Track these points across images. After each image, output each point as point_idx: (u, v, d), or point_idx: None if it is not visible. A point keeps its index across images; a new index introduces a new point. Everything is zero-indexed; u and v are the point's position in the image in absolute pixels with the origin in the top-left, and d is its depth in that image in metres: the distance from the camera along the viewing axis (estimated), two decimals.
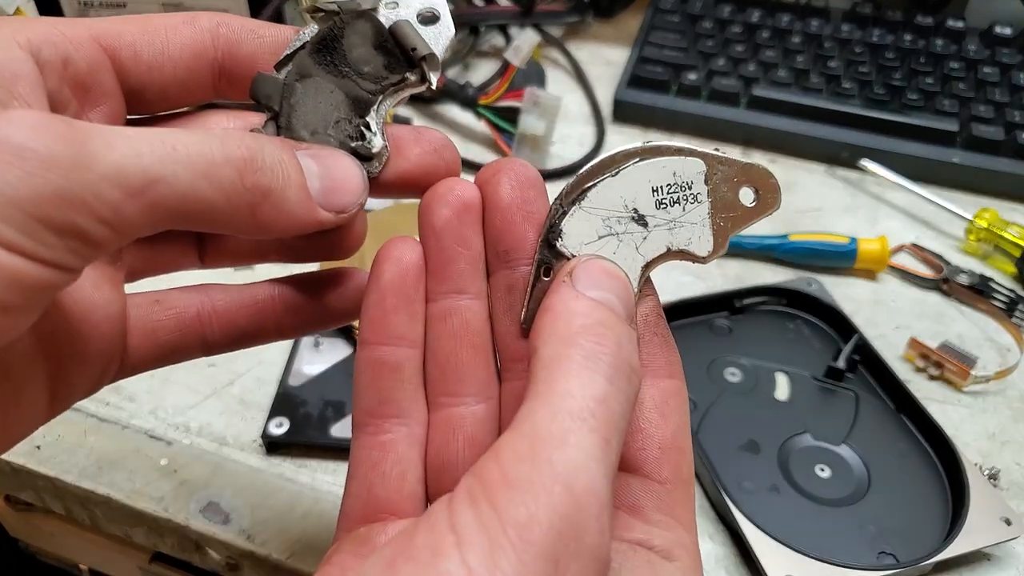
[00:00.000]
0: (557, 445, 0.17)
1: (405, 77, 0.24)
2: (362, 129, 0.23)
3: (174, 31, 0.23)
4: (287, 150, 0.21)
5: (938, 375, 0.45)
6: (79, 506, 0.40)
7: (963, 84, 0.61)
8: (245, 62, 0.24)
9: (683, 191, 0.22)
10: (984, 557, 0.37)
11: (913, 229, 0.55)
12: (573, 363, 0.18)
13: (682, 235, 0.22)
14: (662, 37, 0.66)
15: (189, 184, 0.18)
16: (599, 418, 0.18)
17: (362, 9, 0.24)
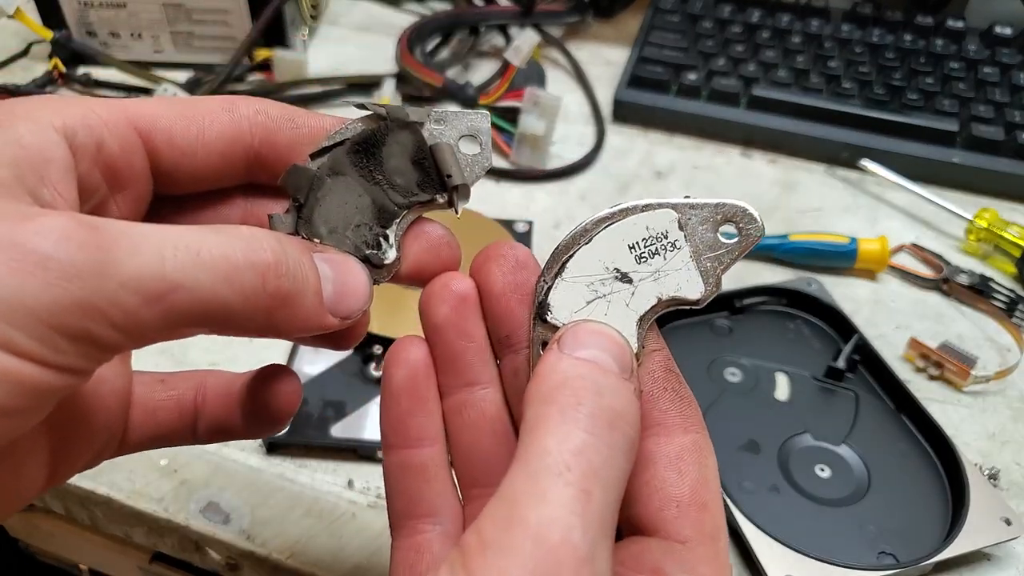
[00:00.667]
0: (533, 504, 0.17)
1: (434, 199, 0.24)
2: (380, 239, 0.24)
3: (212, 117, 0.23)
4: (306, 254, 0.21)
5: (938, 375, 0.45)
6: (79, 506, 0.40)
7: (963, 84, 0.61)
8: (281, 151, 0.23)
9: (659, 241, 0.22)
10: (984, 557, 0.37)
11: (913, 229, 0.55)
12: (551, 420, 0.18)
13: (670, 283, 0.22)
14: (662, 37, 0.66)
15: (210, 289, 0.18)
16: (576, 471, 0.17)
17: (409, 120, 0.24)
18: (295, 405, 0.26)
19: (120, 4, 0.63)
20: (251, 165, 0.23)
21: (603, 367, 0.20)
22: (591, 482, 0.17)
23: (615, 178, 0.59)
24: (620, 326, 0.22)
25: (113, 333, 0.17)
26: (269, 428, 0.26)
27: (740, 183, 0.59)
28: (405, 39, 0.63)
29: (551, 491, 0.17)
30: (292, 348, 0.43)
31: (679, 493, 0.21)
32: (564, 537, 0.16)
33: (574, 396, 0.19)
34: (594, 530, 0.17)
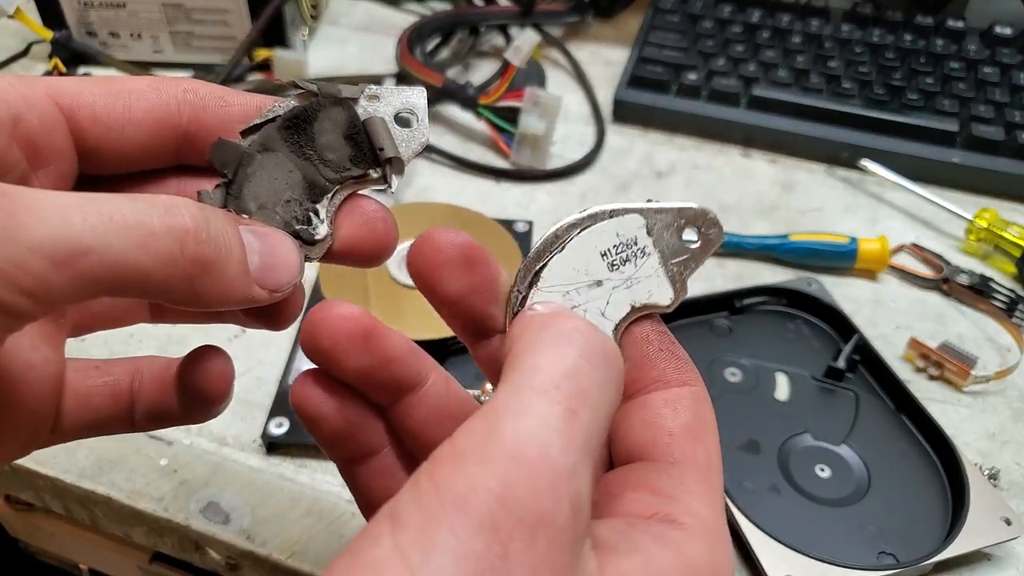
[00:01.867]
0: (513, 417, 0.16)
1: (367, 173, 0.24)
2: (310, 214, 0.23)
3: (138, 95, 0.22)
4: (231, 224, 0.21)
5: (938, 375, 0.45)
6: (79, 506, 0.40)
7: (963, 84, 0.61)
8: (210, 129, 0.23)
9: (630, 248, 0.22)
10: (984, 557, 0.37)
11: (913, 229, 0.55)
12: (545, 342, 0.18)
13: (641, 290, 0.22)
14: (662, 37, 0.66)
15: (123, 253, 0.17)
16: (564, 390, 0.17)
17: (342, 97, 0.23)
18: (226, 386, 0.25)
19: (120, 4, 0.63)
20: (181, 145, 0.23)
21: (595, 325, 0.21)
22: (579, 403, 0.17)
23: (615, 178, 0.59)
24: None
25: (21, 299, 0.16)
26: (203, 411, 0.26)
27: (740, 183, 0.59)
28: (405, 39, 0.63)
29: (535, 407, 0.17)
30: (291, 348, 0.43)
31: (672, 426, 0.21)
32: (542, 452, 0.16)
33: (571, 324, 0.19)
34: (576, 450, 0.16)
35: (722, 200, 0.57)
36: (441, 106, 0.64)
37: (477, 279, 0.23)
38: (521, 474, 0.15)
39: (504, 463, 0.16)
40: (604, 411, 0.18)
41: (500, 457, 0.16)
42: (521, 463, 0.16)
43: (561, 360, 0.18)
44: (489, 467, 0.15)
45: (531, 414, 0.16)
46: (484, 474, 0.15)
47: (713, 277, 0.51)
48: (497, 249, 0.48)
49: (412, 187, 0.57)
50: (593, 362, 0.18)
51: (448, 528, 0.15)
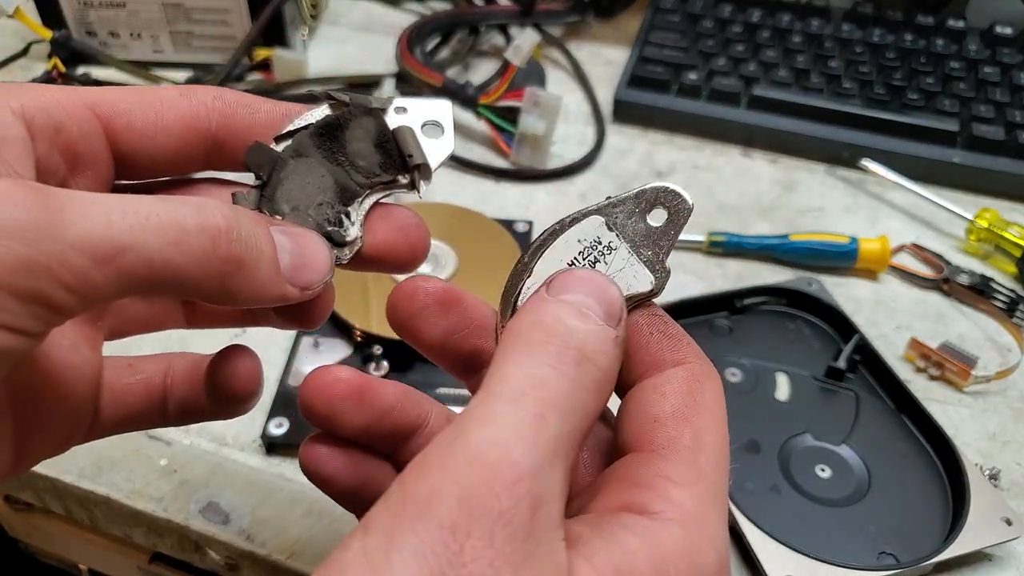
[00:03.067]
0: (477, 426, 0.17)
1: (396, 179, 0.25)
2: (342, 217, 0.24)
3: (170, 103, 0.23)
4: (262, 224, 0.21)
5: (939, 375, 0.45)
6: (79, 506, 0.40)
7: (963, 84, 0.61)
8: (239, 135, 0.24)
9: (596, 249, 0.22)
10: (985, 557, 0.37)
11: (914, 229, 0.55)
12: (516, 352, 0.19)
13: (620, 284, 0.22)
14: (662, 37, 0.66)
15: (159, 252, 0.18)
16: (531, 396, 0.17)
17: (372, 107, 0.24)
18: (255, 383, 0.26)
19: (119, 4, 0.63)
20: (211, 151, 0.24)
21: (582, 311, 0.20)
22: (547, 409, 0.17)
23: (615, 178, 0.59)
24: None
25: (64, 294, 0.17)
26: (232, 407, 0.26)
27: (740, 183, 0.59)
28: (405, 39, 0.63)
29: (500, 414, 0.17)
30: (292, 348, 0.43)
31: (657, 411, 0.21)
32: (503, 454, 0.16)
33: (543, 334, 0.19)
34: (541, 453, 0.17)
35: (722, 200, 0.57)
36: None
37: (455, 320, 0.24)
38: (479, 476, 0.16)
39: (465, 467, 0.16)
40: (578, 416, 0.18)
41: (462, 462, 0.16)
42: (480, 466, 0.16)
43: (530, 368, 0.18)
44: (451, 471, 0.16)
45: (497, 421, 0.17)
46: (446, 478, 0.16)
47: (713, 277, 0.51)
48: (497, 249, 0.48)
49: None
50: (563, 369, 0.18)
51: (410, 530, 0.15)
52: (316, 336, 0.44)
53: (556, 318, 0.19)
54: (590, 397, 0.19)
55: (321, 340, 0.44)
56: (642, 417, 0.21)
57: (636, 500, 0.19)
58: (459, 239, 0.48)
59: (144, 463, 0.39)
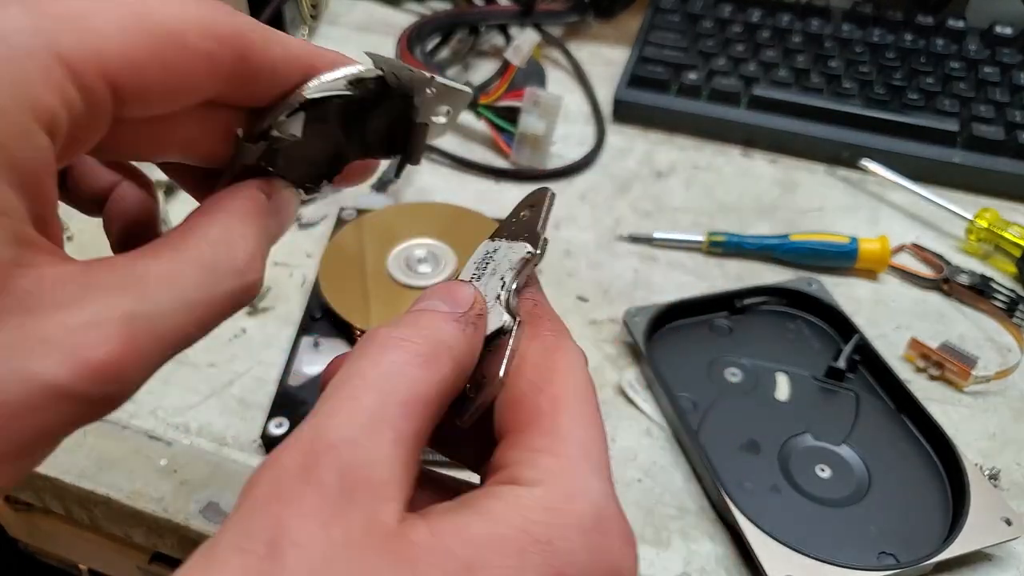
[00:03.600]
0: (323, 415, 0.18)
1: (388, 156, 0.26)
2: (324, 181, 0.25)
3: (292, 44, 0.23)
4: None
5: (938, 375, 0.45)
6: (79, 506, 0.40)
7: (963, 84, 0.61)
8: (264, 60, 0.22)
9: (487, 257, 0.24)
10: (985, 557, 0.37)
11: (914, 229, 0.55)
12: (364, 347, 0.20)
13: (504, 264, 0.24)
14: (662, 37, 0.66)
15: (197, 43, 0.19)
16: (370, 383, 0.18)
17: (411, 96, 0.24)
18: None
19: None
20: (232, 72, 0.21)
21: (429, 310, 0.21)
22: (362, 392, 0.18)
23: (615, 178, 0.59)
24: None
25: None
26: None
27: (740, 183, 0.59)
28: (405, 39, 0.63)
29: (340, 403, 0.18)
30: (291, 350, 0.43)
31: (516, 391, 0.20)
32: (318, 434, 0.17)
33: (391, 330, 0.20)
34: (355, 427, 0.17)
35: (722, 200, 0.57)
36: None
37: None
38: (294, 452, 0.17)
39: (289, 446, 0.17)
40: (413, 398, 0.18)
41: (305, 439, 0.17)
42: (312, 441, 0.17)
43: (375, 362, 0.19)
44: (277, 451, 0.17)
45: (339, 409, 0.18)
46: (283, 452, 0.17)
47: (713, 277, 0.51)
48: None
49: (412, 187, 0.57)
50: (370, 350, 0.19)
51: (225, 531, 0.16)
52: (316, 336, 0.44)
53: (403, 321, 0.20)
54: (414, 370, 0.19)
55: (321, 340, 0.44)
56: (504, 403, 0.21)
57: (505, 476, 0.19)
58: (459, 239, 0.48)
59: (144, 463, 0.39)
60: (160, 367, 0.19)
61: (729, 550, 0.37)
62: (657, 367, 0.43)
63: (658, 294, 0.49)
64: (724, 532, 0.37)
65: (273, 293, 0.48)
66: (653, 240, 0.53)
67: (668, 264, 0.52)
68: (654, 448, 0.41)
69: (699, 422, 0.41)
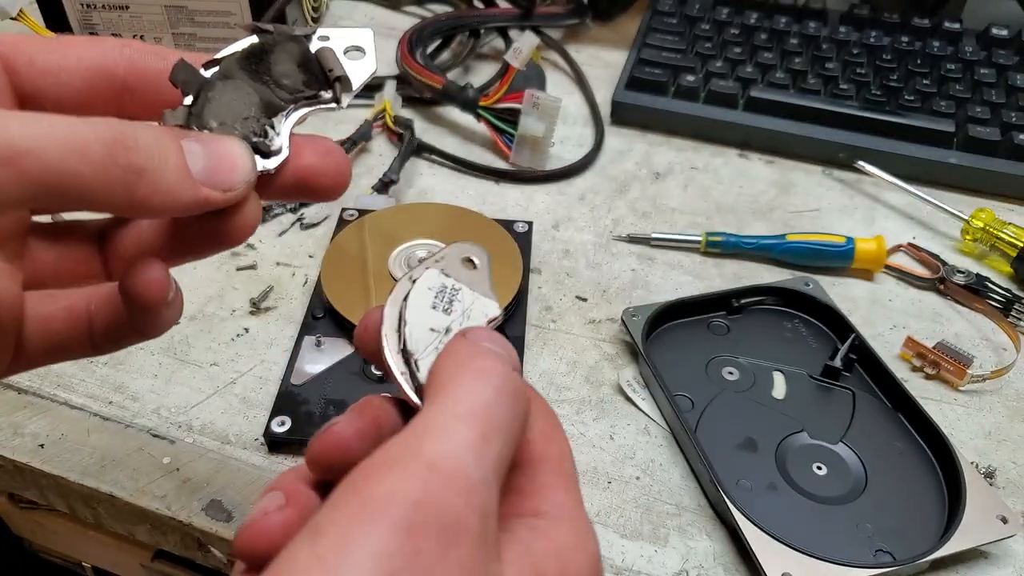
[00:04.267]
0: (433, 437, 0.18)
1: (319, 94, 0.26)
2: (267, 128, 0.25)
3: (75, 45, 0.24)
4: (167, 134, 0.22)
5: (934, 374, 0.45)
6: (82, 504, 0.41)
7: (960, 85, 0.62)
8: (148, 81, 0.25)
9: (445, 292, 0.25)
10: (980, 555, 0.37)
11: (910, 229, 0.56)
12: (464, 378, 0.20)
13: (477, 313, 0.25)
14: (660, 39, 0.67)
15: (60, 159, 0.19)
16: (479, 418, 0.19)
17: (295, 34, 0.26)
18: (162, 288, 0.25)
19: (123, 6, 0.64)
20: (120, 96, 0.25)
21: (505, 359, 0.22)
22: (490, 430, 0.19)
23: (614, 179, 0.59)
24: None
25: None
26: (147, 320, 0.26)
27: (738, 184, 0.59)
28: (405, 41, 0.64)
29: (454, 430, 0.18)
30: (294, 349, 0.44)
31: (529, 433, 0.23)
32: (456, 465, 0.18)
33: (486, 364, 0.21)
34: (487, 469, 0.18)
35: (719, 201, 0.57)
36: (441, 108, 0.64)
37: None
38: (437, 482, 0.17)
39: (422, 473, 0.17)
40: (512, 441, 0.20)
41: (419, 468, 0.17)
42: (438, 473, 0.17)
43: (480, 394, 0.20)
44: (408, 476, 0.17)
45: (450, 436, 0.18)
46: (403, 482, 0.17)
47: (711, 277, 0.51)
48: (497, 249, 0.49)
49: (413, 188, 0.57)
50: (504, 398, 0.20)
51: (365, 531, 0.16)
52: (318, 335, 0.44)
53: (491, 360, 0.21)
54: (520, 426, 0.21)
55: (323, 339, 0.44)
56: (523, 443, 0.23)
57: (528, 505, 0.21)
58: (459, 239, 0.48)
59: (147, 461, 0.40)
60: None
61: (726, 547, 0.37)
62: (655, 366, 0.43)
63: (656, 294, 0.50)
64: (721, 530, 0.38)
65: (275, 293, 0.48)
66: (651, 240, 0.53)
67: (666, 264, 0.52)
68: (652, 446, 0.41)
69: (697, 420, 0.42)
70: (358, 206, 0.53)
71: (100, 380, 0.43)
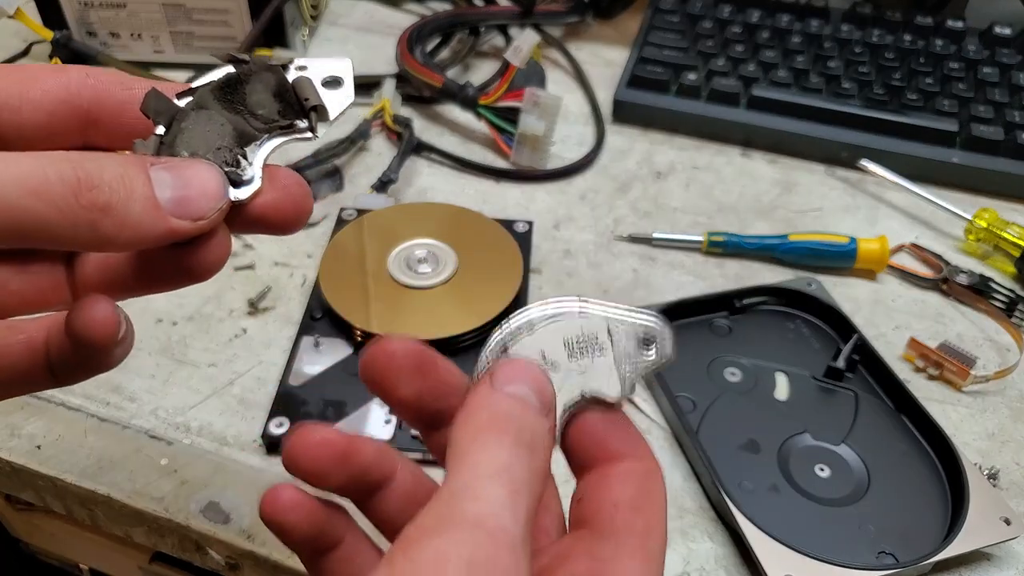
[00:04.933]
0: (470, 498, 0.18)
1: (294, 123, 0.25)
2: (239, 157, 0.24)
3: (38, 76, 0.23)
4: (133, 164, 0.21)
5: (937, 375, 0.45)
6: (79, 506, 0.40)
7: (963, 84, 0.61)
8: (113, 112, 0.24)
9: (591, 343, 0.24)
10: (984, 557, 0.37)
11: (913, 229, 0.55)
12: (484, 444, 0.20)
13: (593, 382, 0.24)
14: (662, 37, 0.66)
15: (19, 201, 0.19)
16: (506, 475, 0.19)
17: (271, 64, 0.25)
18: (110, 327, 0.24)
19: (120, 4, 0.63)
20: (86, 127, 0.24)
21: (527, 403, 0.21)
22: (518, 488, 0.19)
23: (615, 178, 0.59)
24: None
25: None
26: (94, 355, 0.25)
27: (740, 183, 0.59)
28: (405, 39, 0.63)
29: (486, 491, 0.19)
30: (292, 350, 0.43)
31: (618, 497, 0.23)
32: (498, 524, 0.18)
33: (500, 427, 0.20)
34: (522, 524, 0.18)
35: (721, 200, 0.57)
36: (441, 106, 0.64)
37: (431, 384, 0.24)
38: (485, 541, 0.17)
39: (470, 533, 0.17)
40: (536, 491, 0.20)
41: (465, 529, 0.17)
42: (484, 532, 0.17)
43: (496, 457, 0.20)
44: (456, 538, 0.17)
45: (483, 495, 0.18)
46: (452, 543, 0.17)
47: (713, 277, 0.51)
48: (497, 249, 0.48)
49: (412, 187, 0.57)
50: (520, 456, 0.20)
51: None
52: (317, 336, 0.44)
53: (509, 411, 0.21)
54: (538, 480, 0.20)
55: (322, 340, 0.44)
56: (603, 500, 0.23)
57: (596, 570, 0.21)
58: (459, 239, 0.48)
59: (145, 463, 0.39)
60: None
61: (728, 550, 0.37)
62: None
63: (657, 294, 0.49)
64: (723, 532, 0.38)
65: (273, 293, 0.48)
66: (652, 240, 0.53)
67: (667, 264, 0.52)
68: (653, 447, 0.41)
69: (698, 422, 0.41)
70: (357, 205, 0.52)
71: (97, 381, 0.43)
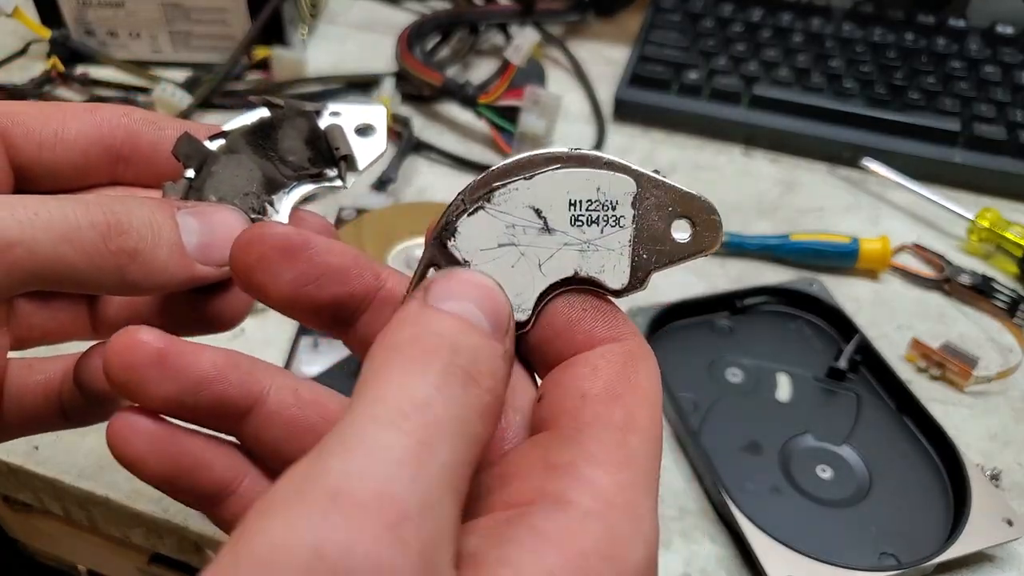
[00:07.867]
0: (342, 454, 0.14)
1: (323, 172, 0.26)
2: (266, 204, 0.25)
3: (73, 116, 0.23)
4: (162, 209, 0.21)
5: (940, 375, 0.45)
6: (78, 507, 0.40)
7: (965, 83, 0.61)
8: (144, 152, 0.24)
9: (605, 211, 0.19)
10: (986, 558, 0.37)
11: (915, 229, 0.55)
12: (393, 369, 0.15)
13: (594, 261, 0.19)
14: (663, 36, 0.66)
15: (50, 248, 0.19)
16: (416, 421, 0.14)
17: (305, 110, 0.25)
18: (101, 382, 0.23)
19: (118, 3, 0.63)
20: (117, 166, 0.24)
21: (469, 322, 0.17)
22: (434, 435, 0.14)
23: None
24: (519, 286, 0.19)
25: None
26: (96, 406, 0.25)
27: (741, 182, 0.59)
28: (405, 38, 0.63)
29: (373, 440, 0.14)
30: (291, 349, 0.43)
31: (588, 386, 0.18)
32: (380, 491, 0.13)
33: (424, 350, 0.16)
34: (431, 485, 0.14)
35: (723, 199, 0.57)
36: (440, 105, 0.64)
37: (303, 268, 0.20)
38: (345, 519, 0.13)
39: (323, 507, 0.13)
40: (468, 444, 0.15)
41: (319, 501, 0.13)
42: (346, 505, 0.13)
43: (411, 389, 0.15)
44: (304, 515, 0.13)
45: (369, 448, 0.14)
46: (296, 525, 0.13)
47: (714, 277, 0.51)
48: None
49: (412, 186, 0.57)
50: (449, 392, 0.15)
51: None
52: (315, 336, 0.44)
53: (439, 332, 0.16)
54: (480, 422, 0.16)
55: (320, 340, 0.43)
56: (568, 392, 0.18)
57: (551, 488, 0.16)
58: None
59: None
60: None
61: (730, 551, 0.37)
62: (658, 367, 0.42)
63: (659, 294, 0.49)
64: (725, 533, 0.37)
65: None
66: None
67: None
68: None
69: (700, 423, 0.41)
70: (356, 205, 0.52)
71: None
